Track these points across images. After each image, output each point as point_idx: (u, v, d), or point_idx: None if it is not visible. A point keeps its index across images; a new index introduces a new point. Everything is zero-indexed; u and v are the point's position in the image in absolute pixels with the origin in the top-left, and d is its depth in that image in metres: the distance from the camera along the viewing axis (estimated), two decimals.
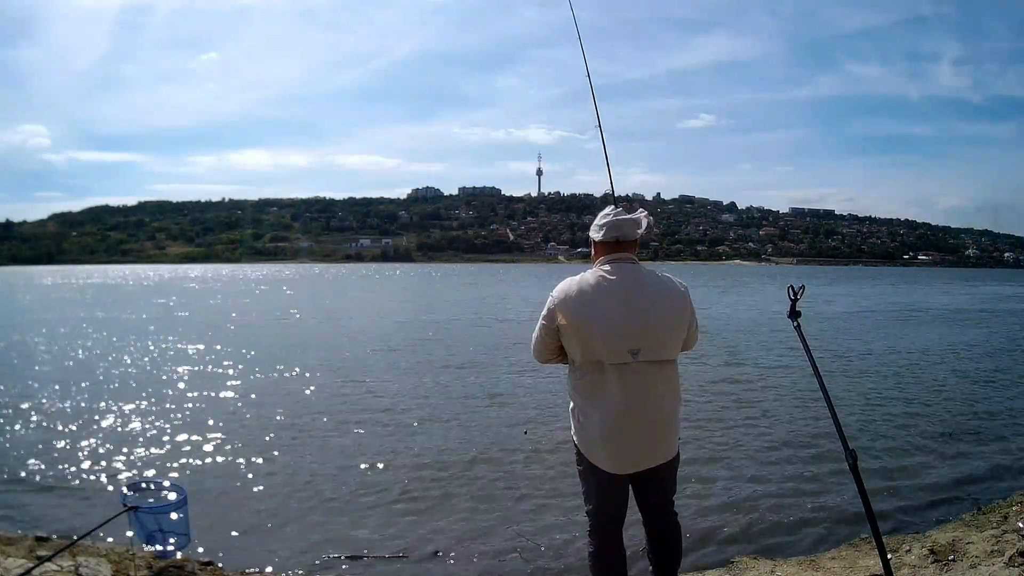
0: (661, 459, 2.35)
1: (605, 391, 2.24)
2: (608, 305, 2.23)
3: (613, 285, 2.26)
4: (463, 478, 5.52)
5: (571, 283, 2.32)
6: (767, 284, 46.43)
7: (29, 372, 10.70)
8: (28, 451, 6.24)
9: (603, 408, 2.25)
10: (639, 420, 2.25)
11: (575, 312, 2.26)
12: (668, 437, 2.35)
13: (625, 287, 2.26)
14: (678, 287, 2.35)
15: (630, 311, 2.22)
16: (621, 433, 2.25)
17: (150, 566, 3.63)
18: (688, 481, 5.43)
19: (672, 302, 2.30)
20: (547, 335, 2.36)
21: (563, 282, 2.34)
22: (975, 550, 3.59)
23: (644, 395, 2.24)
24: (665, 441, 2.34)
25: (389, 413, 7.73)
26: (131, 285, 48.83)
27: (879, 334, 16.57)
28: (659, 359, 2.25)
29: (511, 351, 12.55)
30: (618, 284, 2.26)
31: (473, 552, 4.19)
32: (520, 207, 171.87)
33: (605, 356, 2.22)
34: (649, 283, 2.30)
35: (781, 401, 8.36)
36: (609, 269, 2.30)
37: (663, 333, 2.26)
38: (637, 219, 2.36)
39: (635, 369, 2.22)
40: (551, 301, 2.33)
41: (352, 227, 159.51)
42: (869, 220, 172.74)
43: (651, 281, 2.31)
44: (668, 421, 2.33)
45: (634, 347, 2.20)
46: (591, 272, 2.34)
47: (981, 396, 8.80)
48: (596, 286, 2.27)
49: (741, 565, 3.86)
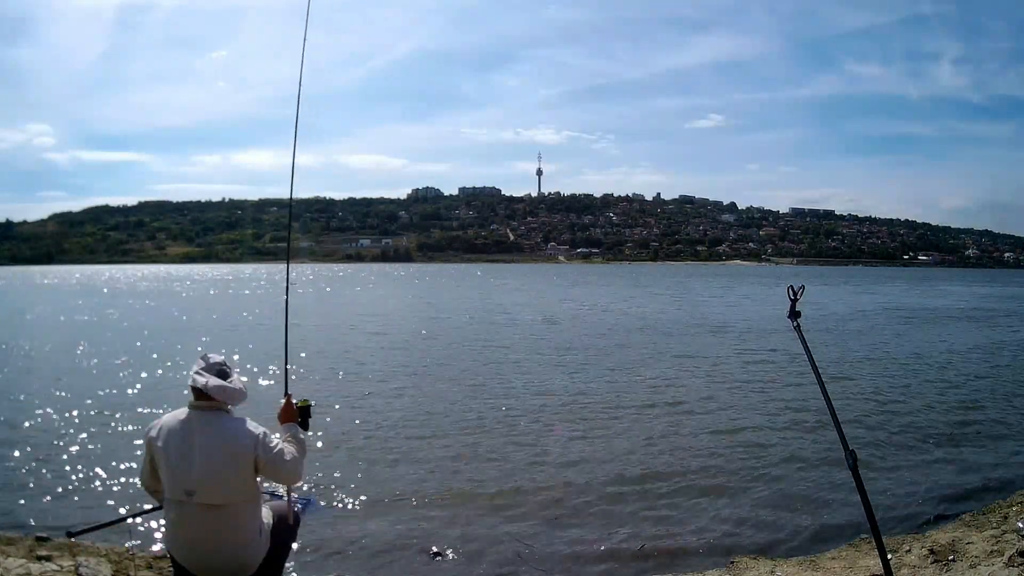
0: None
1: (169, 524, 2.56)
2: (173, 443, 2.50)
3: (183, 427, 2.51)
4: (462, 477, 5.52)
5: (170, 416, 2.58)
6: (767, 284, 46.40)
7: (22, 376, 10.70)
8: (28, 451, 6.24)
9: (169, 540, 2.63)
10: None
11: (156, 443, 2.53)
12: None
13: (192, 431, 2.50)
14: (244, 435, 2.53)
15: (189, 452, 2.47)
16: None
17: (150, 566, 3.63)
18: (688, 482, 5.44)
19: (228, 448, 2.49)
20: (145, 460, 2.63)
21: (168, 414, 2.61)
22: (975, 550, 3.60)
23: (197, 536, 2.50)
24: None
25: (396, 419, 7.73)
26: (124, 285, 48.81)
27: (879, 334, 16.56)
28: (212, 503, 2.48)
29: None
30: (187, 426, 2.51)
31: (473, 552, 4.19)
32: (520, 207, 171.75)
33: (167, 491, 2.50)
34: (213, 430, 2.51)
35: (780, 401, 8.36)
36: (187, 413, 2.55)
37: (213, 477, 2.47)
38: (227, 390, 2.55)
39: (189, 510, 2.47)
40: (148, 428, 2.61)
41: (352, 227, 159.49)
42: (869, 220, 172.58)
43: (215, 428, 2.52)
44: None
45: (188, 488, 2.44)
46: (182, 410, 2.58)
47: (981, 397, 8.80)
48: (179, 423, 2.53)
49: (741, 565, 3.86)
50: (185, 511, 2.46)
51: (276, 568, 2.74)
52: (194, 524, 2.48)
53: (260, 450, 2.50)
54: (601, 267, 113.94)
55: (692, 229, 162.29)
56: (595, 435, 6.82)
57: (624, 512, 4.82)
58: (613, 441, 6.60)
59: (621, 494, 5.15)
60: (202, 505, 2.45)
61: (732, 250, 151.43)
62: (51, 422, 7.30)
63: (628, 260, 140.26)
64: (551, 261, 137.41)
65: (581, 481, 5.43)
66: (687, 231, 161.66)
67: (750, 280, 56.71)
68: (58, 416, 7.50)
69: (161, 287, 45.26)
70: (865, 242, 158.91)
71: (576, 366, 11.24)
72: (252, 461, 2.50)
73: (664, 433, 6.89)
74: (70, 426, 7.12)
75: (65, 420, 7.36)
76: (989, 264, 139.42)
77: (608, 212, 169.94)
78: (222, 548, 2.51)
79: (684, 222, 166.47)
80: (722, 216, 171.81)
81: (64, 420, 7.36)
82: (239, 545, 2.54)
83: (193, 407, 2.53)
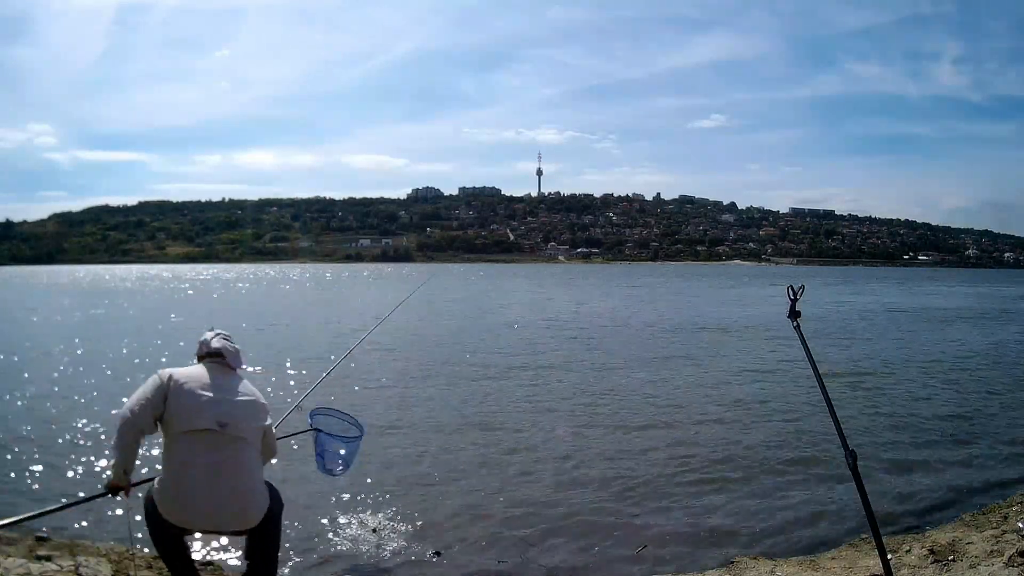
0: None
1: (177, 464, 2.71)
2: (202, 383, 2.78)
3: (209, 373, 2.81)
4: (462, 478, 5.53)
5: (185, 368, 2.88)
6: (767, 285, 46.41)
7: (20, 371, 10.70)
8: (29, 451, 6.24)
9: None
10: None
11: (176, 381, 2.76)
12: None
13: (220, 376, 2.83)
14: (261, 397, 2.89)
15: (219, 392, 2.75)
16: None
17: (150, 566, 3.63)
18: (688, 481, 5.44)
19: (256, 398, 2.86)
20: (143, 398, 2.80)
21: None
22: (975, 550, 3.60)
23: (220, 467, 2.66)
24: None
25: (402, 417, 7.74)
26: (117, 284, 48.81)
27: (879, 334, 16.56)
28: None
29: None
30: (212, 373, 2.81)
31: (471, 552, 4.19)
32: (520, 207, 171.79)
33: (189, 423, 2.66)
34: (239, 382, 2.87)
35: (781, 401, 8.36)
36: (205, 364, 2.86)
37: (246, 414, 2.78)
38: (240, 353, 2.94)
39: (218, 440, 2.66)
40: (160, 372, 2.85)
41: (352, 227, 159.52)
42: (869, 220, 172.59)
43: (240, 382, 2.88)
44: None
45: (222, 420, 2.65)
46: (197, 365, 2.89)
47: (981, 397, 8.80)
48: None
49: (741, 565, 3.86)
50: (213, 441, 2.58)
51: (272, 540, 2.79)
52: (219, 456, 2.58)
53: (269, 415, 2.87)
54: (603, 267, 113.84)
55: (692, 229, 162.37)
56: (595, 436, 6.82)
57: (624, 512, 4.82)
58: (613, 442, 6.60)
59: (621, 494, 5.15)
60: (231, 437, 2.61)
61: (732, 250, 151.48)
62: (52, 421, 7.30)
63: (628, 260, 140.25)
64: (551, 261, 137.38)
65: (581, 482, 5.43)
66: (687, 231, 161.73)
67: (748, 280, 56.71)
68: (58, 416, 7.50)
69: (163, 286, 45.32)
70: (865, 242, 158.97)
71: (575, 367, 11.24)
72: (265, 424, 2.81)
73: (663, 433, 6.89)
74: (71, 425, 7.11)
75: (66, 419, 7.35)
76: (989, 264, 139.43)
77: (608, 212, 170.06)
78: (238, 484, 2.60)
79: (684, 222, 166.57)
80: (722, 216, 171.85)
81: (65, 420, 7.35)
82: (251, 486, 2.66)
83: (210, 362, 2.81)
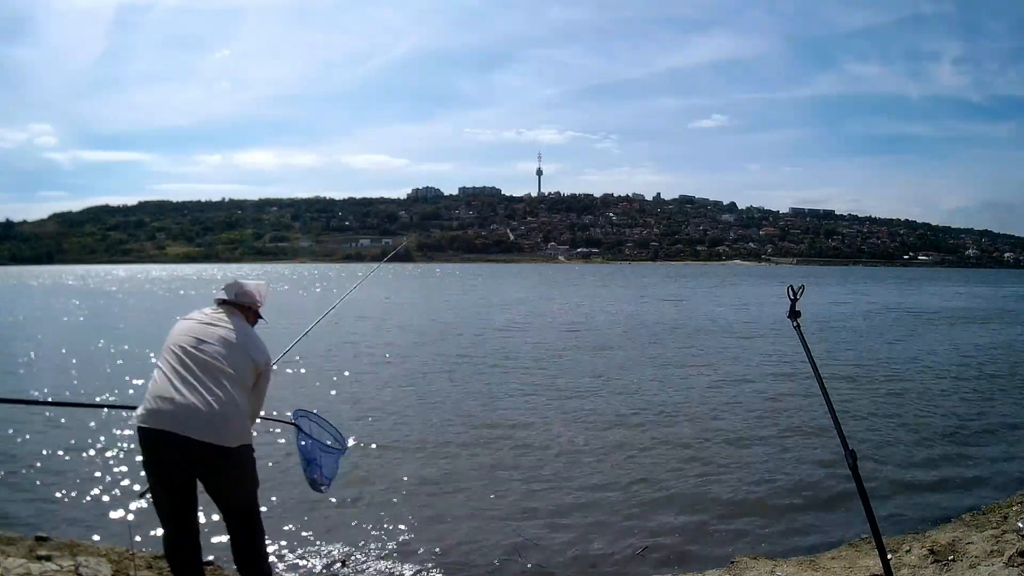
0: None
1: (159, 377, 2.78)
2: (198, 317, 2.90)
3: (210, 313, 2.91)
4: (461, 478, 5.53)
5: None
6: (766, 285, 46.41)
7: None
8: (28, 451, 6.24)
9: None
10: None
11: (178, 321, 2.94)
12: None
13: (219, 316, 2.90)
14: (262, 343, 2.92)
15: (212, 326, 2.84)
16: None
17: (150, 566, 3.63)
18: (688, 481, 5.44)
19: (250, 339, 2.88)
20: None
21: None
22: (975, 550, 3.60)
23: (196, 377, 2.70)
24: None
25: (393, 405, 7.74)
26: None
27: (880, 334, 16.55)
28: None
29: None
30: (214, 313, 2.92)
31: (473, 552, 4.19)
32: (520, 207, 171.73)
33: (175, 341, 2.78)
34: (239, 322, 2.91)
35: (781, 401, 8.36)
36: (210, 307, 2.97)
37: (230, 348, 2.79)
38: (250, 293, 2.98)
39: (197, 357, 2.70)
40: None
41: (352, 227, 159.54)
42: (869, 220, 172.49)
43: (241, 322, 2.93)
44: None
45: (206, 341, 2.74)
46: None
47: (981, 397, 8.79)
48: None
49: (741, 565, 3.86)
50: (193, 356, 2.62)
51: (249, 484, 2.72)
52: (199, 369, 2.60)
53: (266, 365, 2.83)
54: (604, 267, 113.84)
55: (692, 229, 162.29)
56: (595, 436, 6.82)
57: (625, 512, 4.82)
58: (613, 442, 6.60)
59: (622, 495, 5.15)
60: (212, 360, 2.62)
61: (732, 250, 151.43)
62: (51, 422, 7.30)
63: (628, 260, 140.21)
64: (551, 261, 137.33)
65: (582, 482, 5.43)
66: (687, 231, 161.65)
67: (748, 280, 56.71)
68: (58, 415, 7.50)
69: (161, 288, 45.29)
70: (865, 242, 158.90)
71: (575, 367, 11.24)
72: (258, 364, 2.77)
73: (663, 433, 6.89)
74: (70, 425, 7.11)
75: (65, 420, 7.35)
76: (989, 264, 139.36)
77: (608, 212, 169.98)
78: (213, 394, 2.56)
79: (684, 222, 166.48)
80: (722, 216, 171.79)
81: (64, 420, 7.35)
82: (229, 401, 2.59)
83: (218, 304, 2.92)
